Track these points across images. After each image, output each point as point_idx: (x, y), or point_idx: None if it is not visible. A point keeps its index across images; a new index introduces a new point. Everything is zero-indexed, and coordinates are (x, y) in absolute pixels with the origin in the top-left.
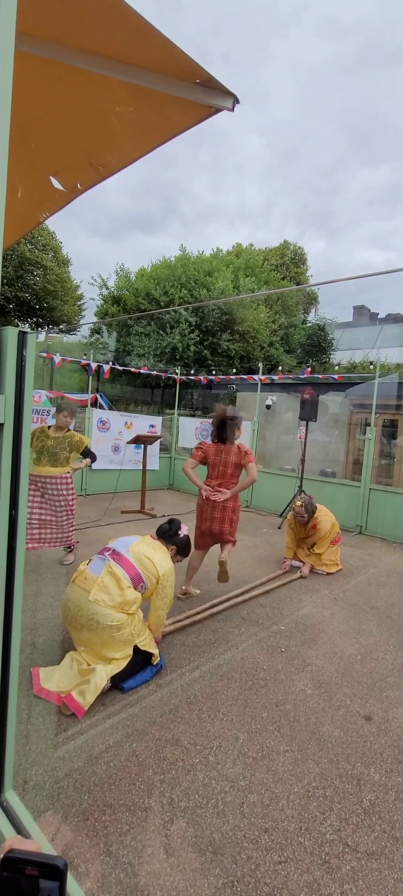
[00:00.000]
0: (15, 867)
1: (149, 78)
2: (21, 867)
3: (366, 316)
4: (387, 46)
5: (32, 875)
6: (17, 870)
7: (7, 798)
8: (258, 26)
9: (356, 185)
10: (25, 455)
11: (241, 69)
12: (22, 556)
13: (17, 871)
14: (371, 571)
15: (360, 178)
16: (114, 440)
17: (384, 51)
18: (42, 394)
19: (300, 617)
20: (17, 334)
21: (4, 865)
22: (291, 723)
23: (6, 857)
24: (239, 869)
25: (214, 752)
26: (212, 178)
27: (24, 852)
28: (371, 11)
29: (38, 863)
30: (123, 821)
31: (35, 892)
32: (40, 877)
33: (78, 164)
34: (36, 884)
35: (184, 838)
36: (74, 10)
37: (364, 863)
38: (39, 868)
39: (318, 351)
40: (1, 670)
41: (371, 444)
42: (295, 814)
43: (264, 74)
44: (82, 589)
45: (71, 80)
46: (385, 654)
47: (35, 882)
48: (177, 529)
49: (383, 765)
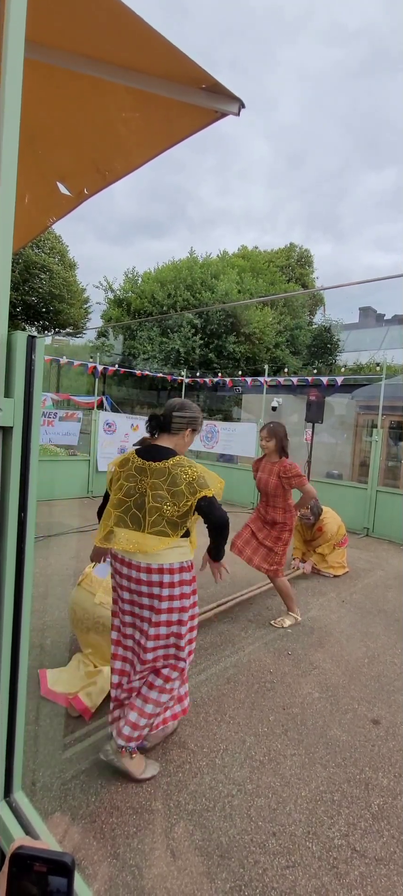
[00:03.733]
0: (24, 863)
1: (154, 83)
2: (30, 864)
3: (372, 317)
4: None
5: (41, 871)
6: (25, 866)
7: (16, 799)
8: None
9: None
10: (34, 458)
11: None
12: (31, 558)
13: (26, 867)
14: (378, 574)
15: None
16: (120, 442)
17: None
18: (47, 396)
19: (307, 619)
20: (26, 338)
21: (13, 862)
22: (298, 726)
23: (15, 854)
24: (246, 873)
25: (221, 756)
26: (219, 183)
27: (32, 849)
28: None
29: (47, 859)
30: (130, 823)
31: (44, 888)
32: (48, 873)
33: (84, 170)
34: (45, 880)
35: (191, 841)
36: (81, 18)
37: (372, 868)
38: (47, 864)
39: (324, 353)
40: (10, 673)
41: (377, 446)
42: (302, 818)
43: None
44: (88, 592)
45: (77, 87)
46: (393, 658)
47: (44, 878)
48: None
49: (391, 769)
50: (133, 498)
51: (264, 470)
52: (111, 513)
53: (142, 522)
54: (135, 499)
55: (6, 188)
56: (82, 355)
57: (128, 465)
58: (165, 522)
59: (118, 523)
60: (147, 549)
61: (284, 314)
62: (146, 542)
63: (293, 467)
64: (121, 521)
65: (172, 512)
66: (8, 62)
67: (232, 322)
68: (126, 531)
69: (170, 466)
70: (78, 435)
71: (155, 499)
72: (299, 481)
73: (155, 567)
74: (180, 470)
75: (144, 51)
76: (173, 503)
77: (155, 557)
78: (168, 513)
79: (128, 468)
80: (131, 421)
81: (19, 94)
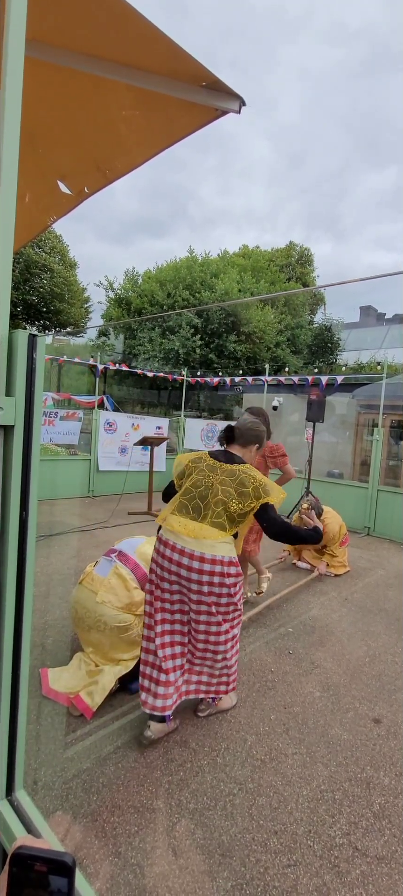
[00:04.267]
0: (24, 863)
1: (155, 81)
2: (30, 863)
3: (373, 316)
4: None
5: (41, 871)
6: (26, 866)
7: (18, 797)
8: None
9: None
10: (35, 456)
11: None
12: (32, 557)
13: (27, 867)
14: (379, 573)
15: (367, 182)
16: (120, 442)
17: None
18: (48, 396)
19: (307, 619)
20: (27, 337)
21: (14, 862)
22: (299, 725)
23: (16, 854)
24: (247, 872)
25: (222, 754)
26: (220, 182)
27: (33, 849)
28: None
29: (47, 859)
30: (132, 822)
31: (45, 887)
32: (49, 873)
33: (85, 168)
34: (45, 879)
35: (193, 840)
36: (81, 16)
37: (374, 867)
38: (48, 864)
39: (325, 352)
40: (12, 671)
41: (378, 446)
42: (304, 817)
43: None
44: (89, 590)
45: (78, 85)
46: (394, 657)
47: (44, 878)
48: None
49: (392, 768)
50: (199, 490)
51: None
52: (177, 499)
53: (202, 512)
54: (201, 491)
55: (7, 187)
56: (83, 355)
57: (200, 462)
58: (226, 517)
59: (181, 509)
60: (204, 536)
61: (285, 313)
62: (203, 532)
63: (280, 447)
64: (184, 507)
65: (236, 509)
66: (8, 60)
67: (232, 321)
68: (184, 518)
69: (239, 469)
70: (79, 434)
71: (223, 493)
72: (283, 461)
73: (208, 557)
74: (248, 475)
75: (145, 48)
76: (239, 501)
77: (209, 548)
78: (232, 508)
79: (200, 465)
80: (132, 420)
81: (20, 92)
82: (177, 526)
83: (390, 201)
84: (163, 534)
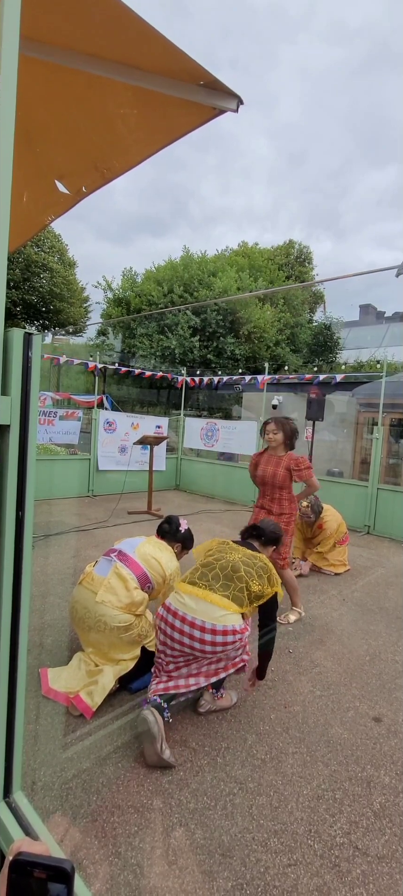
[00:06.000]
0: (23, 870)
1: (153, 80)
2: (29, 870)
3: (373, 315)
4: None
5: (41, 878)
6: (25, 873)
7: (16, 799)
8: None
9: (363, 187)
10: (32, 455)
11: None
12: (29, 556)
13: (26, 873)
14: (379, 572)
15: (367, 180)
16: (120, 441)
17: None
18: (47, 395)
19: (308, 618)
20: (23, 335)
21: (13, 868)
22: (300, 724)
23: (15, 860)
24: (248, 872)
25: (222, 754)
26: (220, 181)
27: (31, 855)
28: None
29: (46, 866)
30: (131, 822)
31: (44, 894)
32: (48, 880)
33: (83, 168)
34: (44, 886)
35: (193, 840)
36: (78, 14)
37: (374, 866)
38: (47, 871)
39: (324, 350)
40: (9, 671)
41: (378, 444)
42: (304, 816)
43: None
44: (89, 590)
45: (75, 84)
46: (395, 656)
47: (43, 885)
48: (177, 526)
49: (393, 767)
50: (220, 563)
51: (268, 463)
52: (198, 569)
53: (221, 582)
54: (222, 563)
55: (1, 186)
56: (82, 354)
57: (224, 545)
58: (246, 595)
59: (201, 578)
60: (218, 604)
61: (284, 312)
62: (222, 602)
63: (305, 460)
64: (203, 577)
65: (256, 590)
66: (2, 58)
67: (231, 321)
68: (198, 590)
69: (260, 556)
70: (78, 434)
71: (246, 572)
72: (308, 473)
73: (220, 629)
74: (266, 564)
75: (142, 47)
76: (259, 583)
77: (220, 619)
78: (253, 588)
79: (223, 547)
80: (131, 419)
81: (14, 90)
82: (188, 596)
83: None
84: (172, 602)
